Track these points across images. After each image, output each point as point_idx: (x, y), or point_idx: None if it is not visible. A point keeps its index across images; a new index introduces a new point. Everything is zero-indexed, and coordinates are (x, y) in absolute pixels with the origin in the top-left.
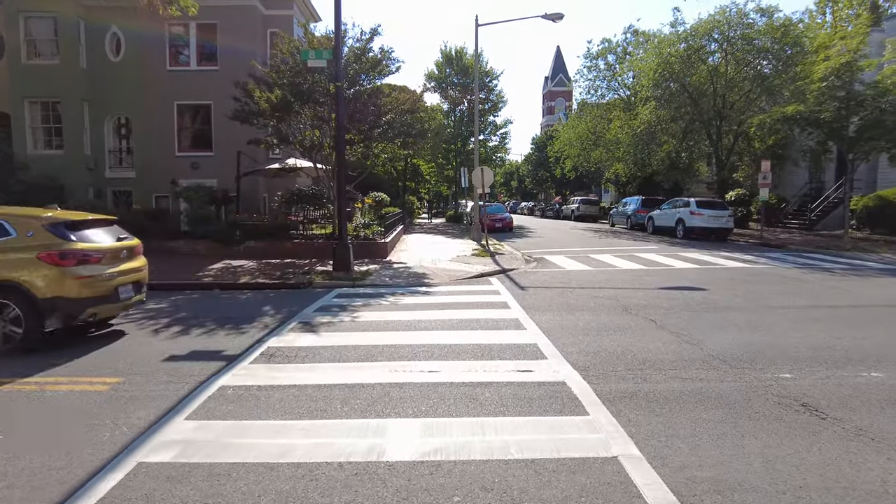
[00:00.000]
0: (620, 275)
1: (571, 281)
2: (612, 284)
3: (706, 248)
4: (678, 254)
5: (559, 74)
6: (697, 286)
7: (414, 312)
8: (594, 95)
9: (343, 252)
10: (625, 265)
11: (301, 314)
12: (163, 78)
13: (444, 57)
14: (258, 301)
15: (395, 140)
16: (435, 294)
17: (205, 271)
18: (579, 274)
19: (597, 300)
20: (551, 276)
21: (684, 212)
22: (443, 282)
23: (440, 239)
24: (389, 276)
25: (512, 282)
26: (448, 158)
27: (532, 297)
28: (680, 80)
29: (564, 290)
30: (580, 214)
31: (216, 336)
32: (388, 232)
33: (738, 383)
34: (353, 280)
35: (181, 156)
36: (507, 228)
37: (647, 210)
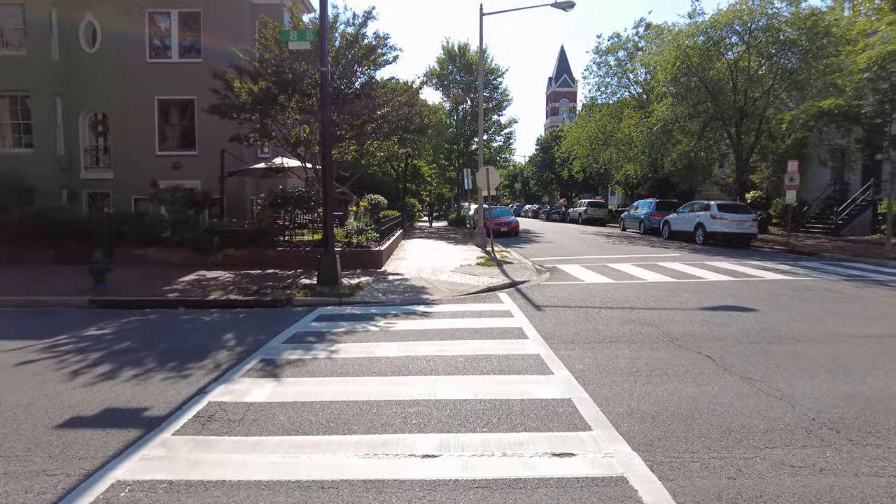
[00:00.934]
0: (649, 289)
1: (594, 297)
2: (644, 303)
3: (733, 256)
4: (705, 263)
5: (563, 75)
6: (744, 305)
7: (407, 345)
8: (604, 93)
9: (329, 264)
10: (650, 277)
11: (267, 346)
12: (142, 71)
13: (446, 53)
14: (223, 324)
15: (391, 136)
16: (434, 315)
17: (173, 284)
18: (602, 289)
19: (632, 326)
20: (569, 292)
21: (704, 216)
22: (444, 298)
23: (441, 245)
24: (383, 291)
25: (524, 298)
26: (450, 159)
27: (552, 320)
28: (699, 74)
29: (588, 310)
30: (588, 218)
31: (149, 382)
32: (383, 238)
33: (878, 476)
34: (340, 296)
35: (162, 155)
36: (512, 233)
37: (661, 213)
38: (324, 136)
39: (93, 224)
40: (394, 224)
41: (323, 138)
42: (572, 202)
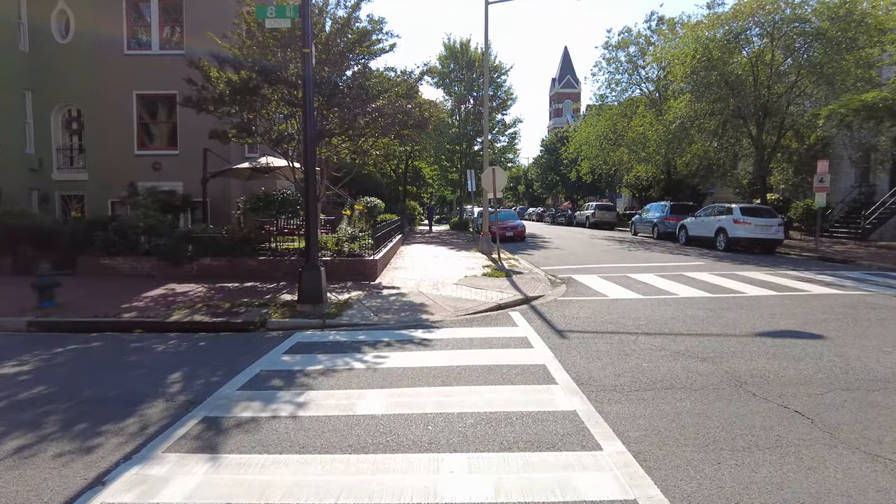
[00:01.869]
0: (685, 307)
1: (625, 319)
2: (686, 326)
3: (763, 265)
4: (735, 273)
5: (567, 76)
6: (806, 330)
7: (399, 394)
8: (614, 90)
9: (311, 279)
10: (681, 291)
11: (217, 395)
12: (120, 64)
13: (447, 50)
14: (175, 357)
15: (388, 132)
16: (435, 345)
17: (135, 301)
18: (630, 306)
19: (683, 361)
20: (594, 311)
21: (726, 220)
22: (447, 319)
23: (443, 251)
24: (375, 309)
25: (542, 320)
26: (452, 160)
27: (581, 353)
28: (719, 68)
29: (623, 338)
30: (596, 221)
31: (30, 462)
32: (379, 246)
33: None
34: (323, 317)
35: (142, 155)
36: (518, 238)
37: (676, 217)
38: (306, 129)
39: (55, 230)
40: (392, 229)
41: (305, 131)
42: (577, 205)
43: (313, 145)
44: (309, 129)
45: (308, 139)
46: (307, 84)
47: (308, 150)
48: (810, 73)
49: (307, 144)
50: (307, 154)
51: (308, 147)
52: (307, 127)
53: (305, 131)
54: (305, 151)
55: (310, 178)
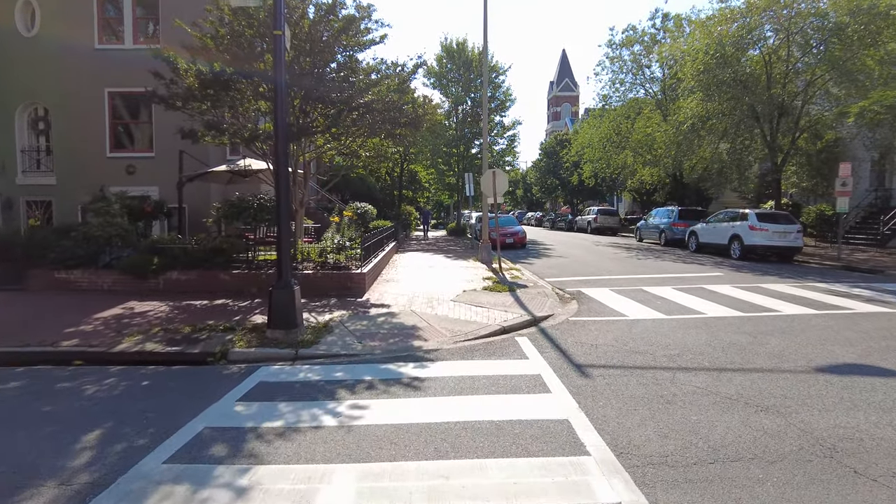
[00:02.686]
0: (717, 330)
1: (654, 347)
2: (728, 358)
3: (787, 275)
4: (761, 286)
5: (565, 79)
6: (872, 363)
7: (378, 472)
8: (618, 91)
9: (283, 301)
10: (707, 308)
11: (133, 473)
12: (90, 58)
13: (444, 50)
14: (105, 405)
15: (377, 130)
16: (428, 387)
17: (84, 323)
18: (655, 329)
19: (741, 412)
20: (615, 336)
21: (741, 227)
22: (443, 346)
23: (440, 261)
24: (360, 335)
25: (556, 349)
26: (449, 164)
27: (611, 401)
28: (733, 65)
29: (657, 374)
30: (598, 227)
31: None
32: (369, 256)
33: None
34: (297, 345)
35: (114, 157)
36: (519, 244)
37: (685, 223)
38: (277, 122)
39: (8, 239)
40: (384, 237)
41: (276, 125)
42: (577, 210)
43: (285, 141)
44: (280, 121)
45: (279, 134)
46: (278, 70)
47: (279, 146)
48: (832, 70)
49: (278, 140)
50: (278, 151)
51: (279, 143)
52: (278, 119)
53: (276, 124)
54: (276, 148)
55: (281, 180)
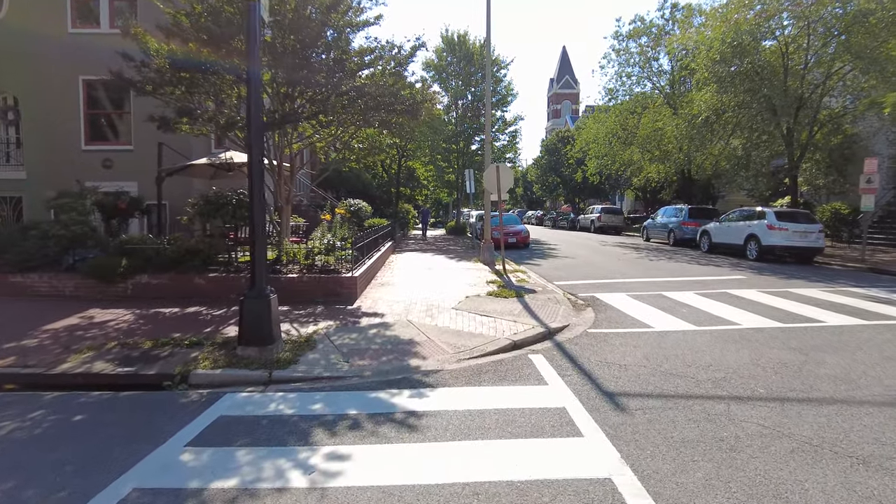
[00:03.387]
0: (759, 345)
1: (693, 367)
2: (785, 382)
3: (814, 279)
4: (790, 290)
5: (565, 76)
6: None
7: None
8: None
9: (257, 312)
10: (739, 317)
11: None
12: (63, 44)
13: (444, 42)
14: (18, 449)
15: (371, 118)
16: (427, 426)
17: (31, 335)
18: (688, 343)
19: (834, 466)
20: (645, 353)
21: (758, 226)
22: (445, 367)
23: (439, 262)
24: (347, 351)
25: (578, 371)
26: (449, 160)
27: (659, 447)
28: (751, 54)
29: (707, 406)
30: (601, 226)
31: None
32: (363, 257)
33: None
34: (271, 366)
35: (90, 150)
36: (522, 244)
37: (695, 222)
38: (250, 103)
39: None
40: (380, 236)
41: (249, 106)
42: (578, 208)
43: (259, 124)
44: (253, 102)
45: (252, 115)
46: (251, 38)
47: (252, 130)
48: (857, 60)
49: (251, 122)
50: (251, 135)
51: (252, 126)
52: (251, 99)
53: (249, 105)
54: (249, 131)
55: (255, 171)
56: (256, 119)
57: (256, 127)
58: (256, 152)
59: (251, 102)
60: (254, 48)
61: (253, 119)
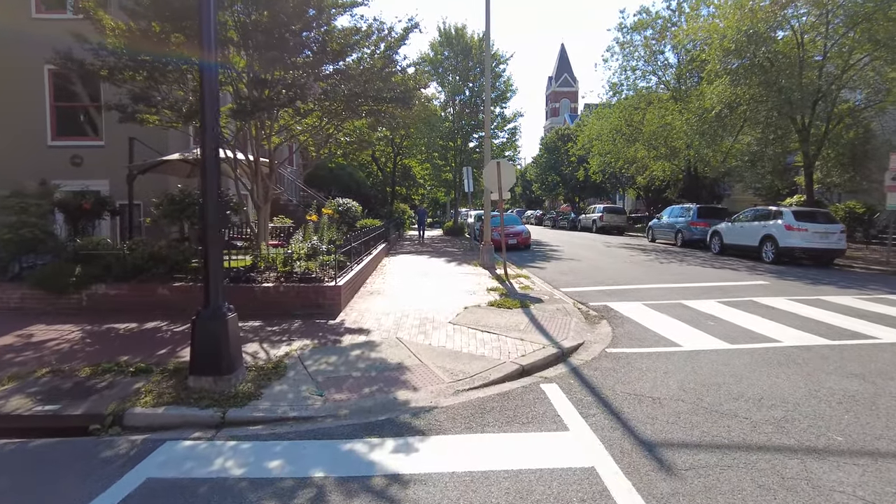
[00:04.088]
0: (812, 369)
1: (743, 404)
2: (867, 428)
3: (843, 284)
4: (822, 299)
5: (564, 74)
6: None
7: None
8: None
9: (211, 335)
10: (777, 332)
11: None
12: (26, 30)
13: (442, 36)
14: None
15: (357, 106)
16: (417, 502)
17: None
18: (726, 368)
19: None
20: (681, 383)
21: (775, 227)
22: (440, 402)
23: (436, 266)
24: (322, 380)
25: (605, 409)
26: (446, 158)
27: None
28: (768, 43)
29: (773, 461)
30: (603, 226)
31: None
32: (351, 262)
33: None
34: (227, 402)
35: (57, 146)
36: (523, 245)
37: (704, 222)
38: (203, 80)
39: None
40: (371, 238)
41: (202, 82)
42: (579, 207)
43: (214, 104)
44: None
45: (205, 94)
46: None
47: (206, 112)
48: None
49: (204, 103)
50: (205, 119)
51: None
52: (203, 72)
53: (202, 79)
54: (203, 114)
55: (209, 161)
56: (210, 93)
57: (210, 104)
58: (210, 135)
59: (203, 76)
60: (209, 15)
61: (206, 94)
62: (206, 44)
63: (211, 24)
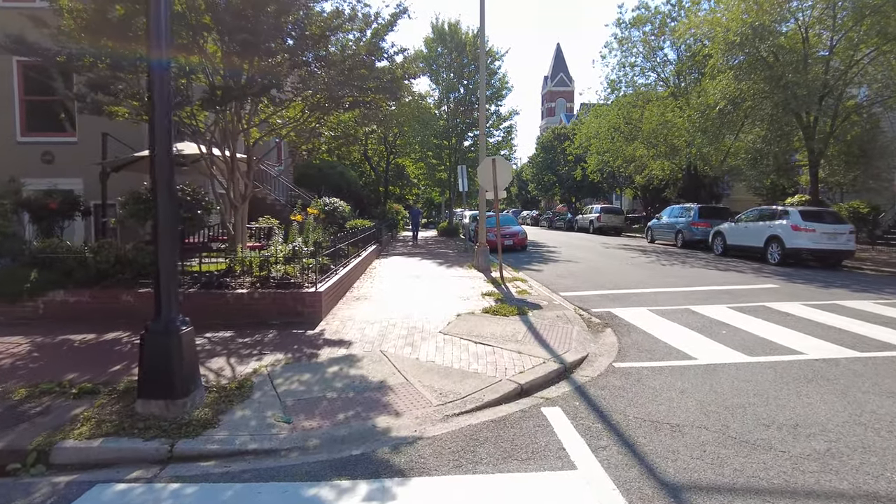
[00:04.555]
0: (845, 387)
1: (776, 433)
2: None
3: (856, 287)
4: (838, 304)
5: (560, 73)
6: None
7: None
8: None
9: (162, 352)
10: (800, 342)
11: None
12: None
13: (435, 32)
14: None
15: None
16: None
17: None
18: (749, 384)
19: None
20: (700, 404)
21: (781, 227)
22: (424, 435)
23: (428, 268)
24: (288, 408)
25: (618, 440)
26: (440, 157)
27: None
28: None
29: None
30: (601, 226)
31: None
32: (337, 265)
33: None
34: (177, 431)
35: (27, 142)
36: (519, 246)
37: (706, 223)
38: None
39: None
40: (360, 240)
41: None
42: (575, 208)
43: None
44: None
45: (153, 70)
46: None
47: (155, 93)
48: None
49: (153, 81)
50: (154, 102)
51: (154, 83)
52: (150, 36)
53: (149, 48)
54: (152, 97)
55: (160, 150)
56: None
57: (159, 76)
58: (161, 122)
59: (151, 42)
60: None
61: (154, 70)
62: (155, 17)
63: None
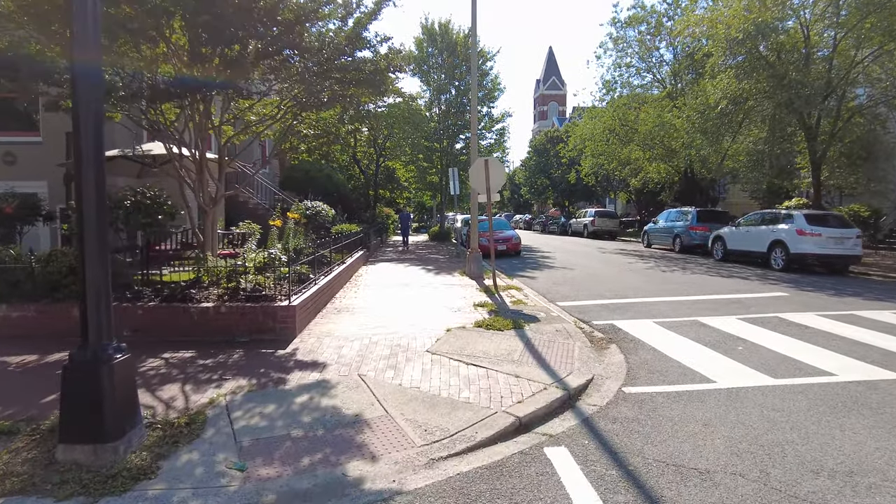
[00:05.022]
0: (887, 419)
1: (828, 479)
2: None
3: (869, 295)
4: (854, 314)
5: (552, 77)
6: None
7: None
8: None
9: (91, 384)
10: (825, 361)
11: None
12: None
13: (425, 32)
14: None
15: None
16: None
17: None
18: (779, 413)
19: None
20: (729, 442)
21: (785, 231)
22: (403, 486)
23: (417, 276)
24: (244, 450)
25: (642, 497)
26: (431, 160)
27: None
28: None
29: None
30: (595, 230)
31: None
32: (316, 274)
33: None
34: (104, 485)
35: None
36: (513, 251)
37: (705, 227)
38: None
39: None
40: (345, 245)
41: (72, 46)
42: (568, 211)
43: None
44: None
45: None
46: None
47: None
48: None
49: (74, 68)
50: (76, 94)
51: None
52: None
53: (72, 46)
54: (74, 93)
55: (84, 143)
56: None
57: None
58: (84, 111)
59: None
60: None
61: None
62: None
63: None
